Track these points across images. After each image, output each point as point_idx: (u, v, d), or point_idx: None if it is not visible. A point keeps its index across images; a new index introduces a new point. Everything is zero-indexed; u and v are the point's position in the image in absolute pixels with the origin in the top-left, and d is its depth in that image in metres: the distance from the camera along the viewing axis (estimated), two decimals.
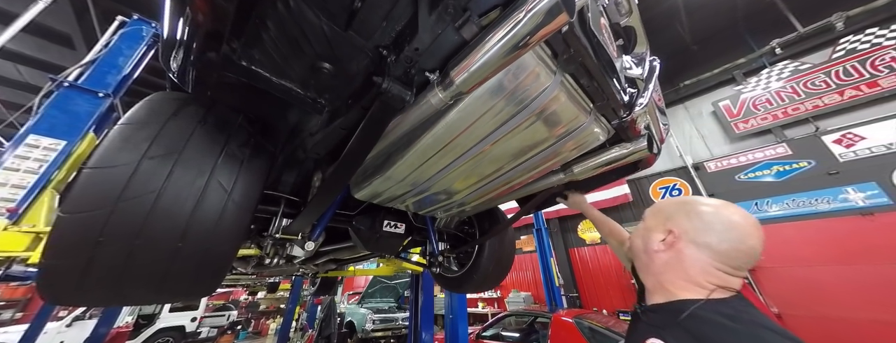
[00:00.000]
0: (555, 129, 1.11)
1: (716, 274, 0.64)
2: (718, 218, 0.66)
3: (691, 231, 0.68)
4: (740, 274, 0.65)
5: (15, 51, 5.57)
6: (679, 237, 0.69)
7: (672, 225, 0.72)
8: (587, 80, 0.95)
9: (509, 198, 1.90)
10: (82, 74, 2.10)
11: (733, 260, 0.63)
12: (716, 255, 0.64)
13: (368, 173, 1.43)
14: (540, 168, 1.43)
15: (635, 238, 0.84)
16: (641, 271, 0.79)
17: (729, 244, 0.63)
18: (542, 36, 0.64)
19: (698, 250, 0.66)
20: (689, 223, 0.69)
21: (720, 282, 0.63)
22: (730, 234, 0.63)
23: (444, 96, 0.83)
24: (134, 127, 0.92)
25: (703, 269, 0.65)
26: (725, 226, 0.65)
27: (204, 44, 0.86)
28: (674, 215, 0.73)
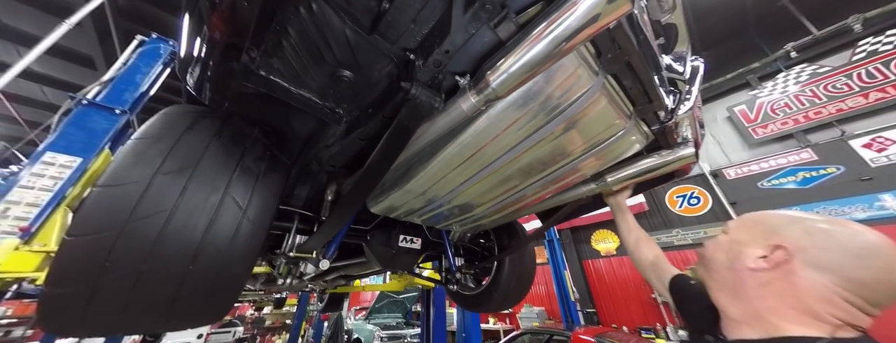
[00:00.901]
0: (592, 134, 1.03)
1: (842, 306, 0.51)
2: (850, 237, 0.53)
3: (811, 249, 0.54)
4: (875, 311, 0.51)
5: (39, 72, 5.84)
6: (792, 255, 0.55)
7: (780, 239, 0.58)
8: (631, 81, 0.88)
9: (532, 210, 1.80)
10: (100, 92, 2.13)
11: (873, 292, 0.50)
12: (846, 283, 0.51)
13: (386, 186, 1.36)
14: (570, 178, 1.33)
15: (714, 251, 0.68)
16: (720, 292, 0.65)
17: (869, 272, 0.50)
18: (597, 29, 0.58)
19: (819, 274, 0.52)
20: (809, 240, 0.55)
21: (848, 317, 0.50)
22: (871, 261, 0.50)
23: (476, 101, 0.77)
24: (148, 141, 0.87)
25: (826, 299, 0.52)
26: (864, 248, 0.52)
27: (221, 57, 0.82)
28: (782, 228, 0.59)
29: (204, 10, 0.78)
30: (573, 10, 0.56)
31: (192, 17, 0.86)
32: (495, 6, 0.66)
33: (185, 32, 0.88)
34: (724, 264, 0.65)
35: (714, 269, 0.67)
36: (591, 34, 0.59)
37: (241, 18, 0.71)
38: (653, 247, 1.13)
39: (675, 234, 7.41)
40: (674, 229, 7.49)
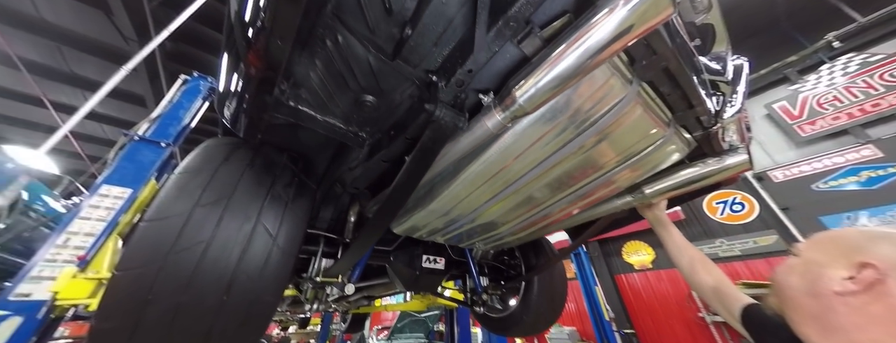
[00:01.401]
0: (626, 145, 0.96)
1: None
2: None
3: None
4: None
5: (100, 112, 6.58)
6: (886, 274, 0.48)
7: (867, 257, 0.50)
8: (669, 87, 0.82)
9: (561, 226, 1.70)
10: (149, 128, 2.34)
11: None
12: None
13: (409, 207, 1.34)
14: (603, 192, 1.25)
15: (786, 275, 0.60)
16: (807, 325, 0.55)
17: None
18: (632, 39, 0.54)
19: None
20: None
21: None
22: None
23: (502, 118, 0.74)
24: (189, 175, 0.92)
25: None
26: None
27: (256, 91, 0.86)
28: (867, 245, 0.51)
29: (241, 48, 0.82)
30: (604, 21, 0.53)
31: (230, 55, 0.92)
32: (520, 23, 0.65)
33: (224, 69, 0.93)
34: (803, 290, 0.55)
35: (791, 296, 0.58)
36: (624, 45, 0.56)
37: (274, 55, 0.75)
38: (711, 269, 0.99)
39: (719, 245, 6.75)
40: (717, 239, 6.84)
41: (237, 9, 0.76)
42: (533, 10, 0.63)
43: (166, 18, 3.94)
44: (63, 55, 5.71)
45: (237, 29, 0.79)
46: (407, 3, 0.72)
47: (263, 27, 0.63)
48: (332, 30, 0.76)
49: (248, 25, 0.71)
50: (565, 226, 1.70)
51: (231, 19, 0.80)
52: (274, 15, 0.60)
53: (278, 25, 0.61)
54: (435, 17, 0.70)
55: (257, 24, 0.67)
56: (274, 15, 0.60)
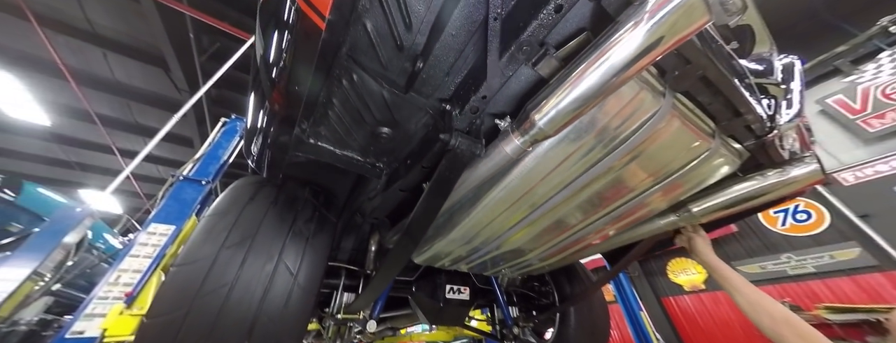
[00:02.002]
0: (665, 161, 0.86)
1: None
2: None
3: None
4: None
5: (155, 155, 7.37)
6: None
7: None
8: (709, 96, 0.73)
9: (597, 250, 1.55)
10: (192, 168, 2.54)
11: None
12: None
13: (429, 236, 1.29)
14: (641, 212, 1.13)
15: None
16: None
17: None
18: (662, 52, 0.48)
19: None
20: None
21: None
22: None
23: (522, 143, 0.69)
24: (216, 217, 0.95)
25: None
26: None
27: (278, 130, 0.89)
28: None
29: (266, 88, 0.86)
30: (628, 36, 0.48)
31: (256, 95, 0.96)
32: (533, 46, 0.62)
33: (251, 109, 0.98)
34: None
35: None
36: (653, 59, 0.50)
37: (295, 93, 0.77)
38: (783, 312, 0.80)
39: (787, 261, 5.85)
40: (782, 254, 5.95)
41: (263, 52, 0.80)
42: (546, 33, 0.61)
43: (213, 69, 4.45)
44: (130, 109, 6.58)
45: (262, 70, 0.83)
46: (417, 38, 0.72)
47: (285, 66, 0.65)
48: (347, 70, 0.78)
49: (272, 66, 0.75)
50: (601, 249, 1.54)
51: (257, 61, 0.85)
52: (293, 57, 0.62)
53: (297, 67, 0.63)
54: (445, 48, 0.70)
55: (280, 64, 0.69)
56: (293, 57, 0.62)
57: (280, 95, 0.78)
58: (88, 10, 4.80)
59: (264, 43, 0.72)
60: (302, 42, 0.58)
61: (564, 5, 0.56)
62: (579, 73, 0.56)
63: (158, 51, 5.15)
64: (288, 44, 0.60)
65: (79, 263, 3.32)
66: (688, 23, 0.45)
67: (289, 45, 0.59)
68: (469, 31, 0.67)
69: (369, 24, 0.70)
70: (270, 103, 0.85)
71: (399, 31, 0.70)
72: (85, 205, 2.82)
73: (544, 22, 0.59)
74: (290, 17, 0.55)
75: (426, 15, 0.69)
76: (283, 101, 0.77)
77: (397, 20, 0.69)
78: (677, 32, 0.47)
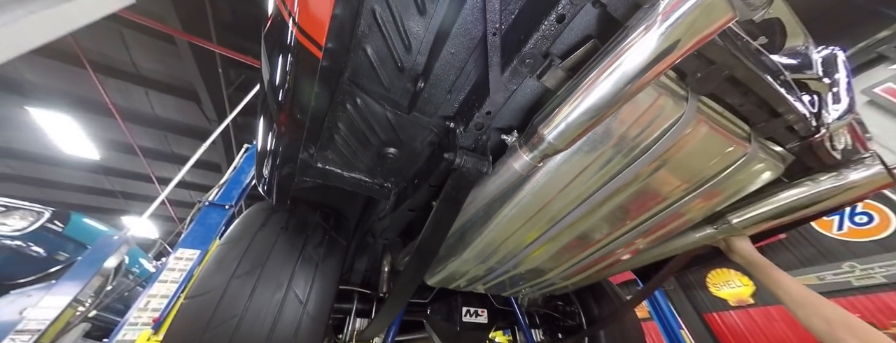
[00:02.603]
0: (697, 169, 0.78)
1: None
2: None
3: None
4: None
5: (188, 181, 7.83)
6: None
7: None
8: (739, 97, 0.66)
9: (625, 267, 1.42)
10: (217, 193, 2.66)
11: None
12: None
13: (441, 256, 1.23)
14: (673, 225, 1.02)
15: None
16: None
17: None
18: (680, 56, 0.44)
19: None
20: None
21: None
22: None
23: (531, 158, 0.65)
24: (228, 246, 0.95)
25: None
26: None
27: (285, 154, 0.90)
28: None
29: (273, 113, 0.87)
30: (641, 40, 0.44)
31: (264, 120, 0.98)
32: (536, 58, 0.58)
33: (260, 134, 0.99)
34: None
35: None
36: (671, 64, 0.45)
37: (299, 121, 0.78)
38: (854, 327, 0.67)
39: (851, 271, 5.18)
40: (843, 263, 5.28)
41: (268, 77, 0.82)
42: (550, 44, 0.58)
43: (239, 99, 4.76)
44: (167, 139, 7.13)
45: (269, 96, 0.84)
46: (418, 59, 0.72)
47: (288, 94, 0.66)
48: (350, 94, 0.78)
49: (276, 92, 0.75)
50: (630, 266, 1.42)
51: (264, 85, 0.86)
52: (294, 84, 0.61)
53: (298, 94, 0.63)
54: (445, 67, 0.69)
55: (283, 91, 0.70)
56: (294, 84, 0.61)
57: (285, 122, 0.78)
58: (134, 55, 5.34)
59: (270, 69, 0.73)
60: (302, 70, 0.58)
61: (567, 15, 0.53)
62: (589, 83, 0.51)
63: (191, 86, 5.61)
64: (289, 72, 0.60)
65: (116, 288, 3.48)
66: (708, 22, 0.40)
67: (290, 73, 0.60)
68: (468, 47, 0.65)
69: (369, 48, 0.70)
70: (277, 128, 0.86)
71: (399, 53, 0.70)
72: (122, 232, 3.00)
73: (546, 33, 0.56)
74: (290, 46, 0.56)
75: (425, 35, 0.68)
76: (288, 128, 0.77)
77: (396, 43, 0.68)
78: (696, 33, 0.42)
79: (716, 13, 0.39)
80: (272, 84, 0.68)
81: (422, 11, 0.64)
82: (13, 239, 2.64)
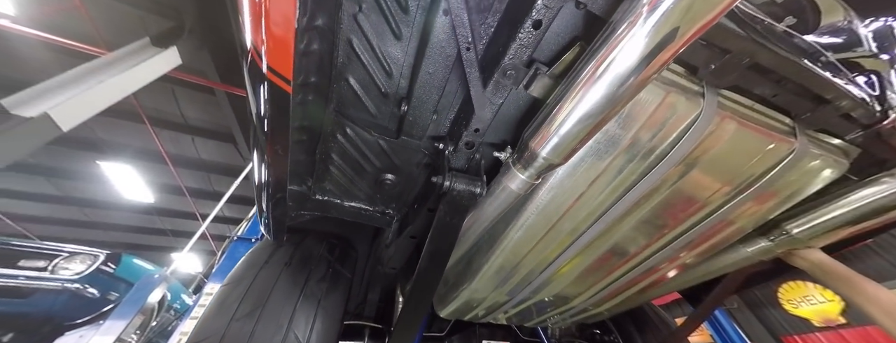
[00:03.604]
0: (731, 175, 0.66)
1: None
2: None
3: None
4: None
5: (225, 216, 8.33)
6: None
7: None
8: (771, 87, 0.56)
9: (666, 289, 1.22)
10: (245, 227, 2.75)
11: None
12: None
13: (450, 284, 1.13)
14: (713, 241, 0.86)
15: None
16: None
17: None
18: (686, 42, 0.37)
19: None
20: None
21: None
22: None
23: (527, 176, 0.57)
24: (230, 287, 0.92)
25: None
26: None
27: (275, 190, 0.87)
28: None
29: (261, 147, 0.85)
30: (628, 35, 0.37)
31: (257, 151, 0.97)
32: (518, 68, 0.53)
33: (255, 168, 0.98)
34: None
35: None
36: (670, 58, 0.38)
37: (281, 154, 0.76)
38: None
39: None
40: None
41: (255, 109, 0.82)
42: (530, 52, 0.52)
43: None
44: (209, 179, 7.73)
45: (256, 126, 0.83)
46: (400, 82, 0.69)
47: (268, 129, 0.64)
48: (339, 125, 0.76)
49: (262, 119, 0.74)
50: (672, 288, 1.22)
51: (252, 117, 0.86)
52: (272, 120, 0.60)
53: (276, 130, 0.61)
54: (426, 88, 0.67)
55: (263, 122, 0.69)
56: (272, 120, 0.60)
57: (270, 158, 0.76)
58: (183, 107, 6.01)
59: (252, 104, 0.73)
60: (275, 106, 0.57)
61: (543, 20, 0.48)
62: (577, 89, 0.45)
63: (229, 129, 6.14)
64: (264, 108, 0.59)
65: (160, 323, 3.61)
66: (707, 5, 0.33)
67: (265, 109, 0.58)
68: (446, 66, 0.62)
69: (351, 78, 0.69)
70: (265, 163, 0.83)
71: (381, 79, 0.68)
72: (162, 271, 3.15)
73: (525, 42, 0.51)
74: (262, 82, 0.55)
75: (405, 58, 0.66)
76: (273, 164, 0.76)
77: (377, 70, 0.67)
78: (695, 20, 0.35)
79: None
80: (255, 119, 0.67)
81: (398, 36, 0.62)
82: (73, 282, 2.84)
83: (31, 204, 7.79)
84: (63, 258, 2.96)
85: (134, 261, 3.43)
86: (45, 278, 2.76)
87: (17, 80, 2.51)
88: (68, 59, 3.08)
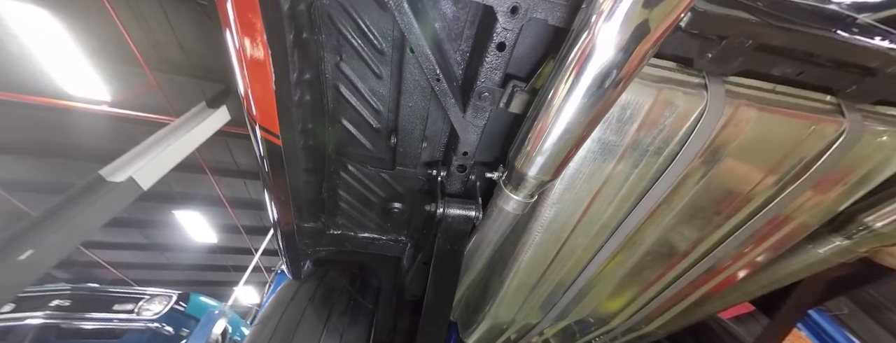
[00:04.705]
0: (771, 162, 0.56)
1: None
2: None
3: None
4: None
5: (270, 248, 8.88)
6: None
7: None
8: (792, 65, 0.47)
9: (728, 301, 1.03)
10: None
11: None
12: None
13: (472, 309, 1.06)
14: (771, 241, 0.72)
15: None
16: None
17: None
18: (662, 35, 0.32)
19: None
20: None
21: None
22: None
23: (521, 196, 0.53)
24: (260, 326, 0.95)
25: None
26: None
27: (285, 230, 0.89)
28: None
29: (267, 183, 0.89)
30: (592, 37, 0.34)
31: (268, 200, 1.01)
32: (492, 90, 0.51)
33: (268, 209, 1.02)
34: None
35: None
36: (642, 57, 0.34)
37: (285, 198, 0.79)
38: None
39: None
40: None
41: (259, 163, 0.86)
42: (501, 73, 0.51)
43: None
44: (260, 216, 8.40)
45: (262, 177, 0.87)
46: (389, 116, 0.71)
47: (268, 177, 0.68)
48: (340, 163, 0.79)
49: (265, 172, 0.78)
50: (736, 300, 1.02)
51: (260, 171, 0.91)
52: (270, 170, 0.63)
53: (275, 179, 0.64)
54: (409, 119, 0.67)
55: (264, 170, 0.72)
56: (270, 170, 0.63)
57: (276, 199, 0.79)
58: (235, 156, 6.74)
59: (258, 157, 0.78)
60: (271, 157, 0.60)
61: (506, 42, 0.46)
62: (552, 102, 0.41)
63: None
64: (261, 157, 0.62)
65: None
66: None
67: (263, 159, 0.62)
68: (423, 97, 0.63)
69: (344, 119, 0.71)
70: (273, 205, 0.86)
71: (370, 117, 0.70)
72: (222, 306, 3.37)
73: (493, 64, 0.50)
74: (255, 135, 0.59)
75: (389, 95, 0.68)
76: (279, 206, 0.79)
77: (365, 109, 0.69)
78: (671, 9, 0.31)
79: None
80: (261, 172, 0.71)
81: (379, 76, 0.64)
82: (154, 322, 3.12)
83: (126, 252, 9.00)
84: (145, 300, 3.30)
85: (200, 298, 3.72)
86: (133, 320, 3.07)
87: (112, 151, 3.01)
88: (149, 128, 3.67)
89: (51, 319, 2.90)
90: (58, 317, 2.94)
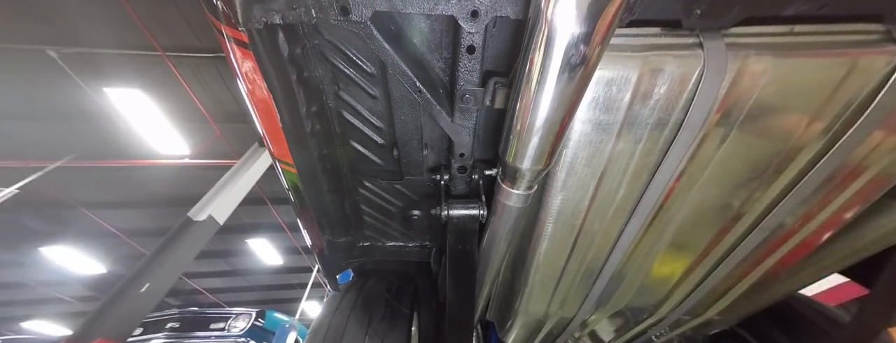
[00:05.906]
0: (807, 112, 0.47)
1: None
2: None
3: None
4: None
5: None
6: None
7: None
8: (812, 3, 0.40)
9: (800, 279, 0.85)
10: None
11: None
12: None
13: (503, 307, 1.01)
14: (840, 201, 0.60)
15: None
16: None
17: None
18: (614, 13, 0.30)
19: None
20: None
21: None
22: None
23: (520, 189, 0.51)
24: (312, 336, 1.01)
25: None
26: None
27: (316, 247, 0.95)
28: None
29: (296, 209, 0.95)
30: (545, 25, 0.33)
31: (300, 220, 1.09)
32: (473, 92, 0.52)
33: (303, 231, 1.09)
34: None
35: None
36: (610, 24, 0.31)
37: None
38: None
39: None
40: None
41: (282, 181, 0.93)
42: (478, 74, 0.51)
43: None
44: None
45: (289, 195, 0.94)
46: (390, 130, 0.74)
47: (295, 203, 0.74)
48: (356, 180, 0.84)
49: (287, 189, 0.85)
50: (809, 278, 0.85)
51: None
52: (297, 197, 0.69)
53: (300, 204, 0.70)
54: (404, 130, 0.70)
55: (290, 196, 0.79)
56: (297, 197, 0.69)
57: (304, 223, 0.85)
58: None
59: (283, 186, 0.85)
60: (291, 185, 0.66)
61: (475, 44, 0.47)
62: (525, 91, 0.40)
63: None
64: (286, 187, 0.69)
65: None
66: None
67: (289, 190, 0.69)
68: (413, 108, 0.66)
69: (351, 140, 0.76)
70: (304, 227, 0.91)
71: (374, 135, 0.74)
72: (291, 320, 3.66)
73: (468, 66, 0.50)
74: (275, 167, 0.65)
75: (386, 111, 0.71)
76: (308, 227, 0.85)
77: (368, 128, 0.73)
78: None
79: None
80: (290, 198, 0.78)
81: (374, 96, 0.68)
82: (241, 337, 3.50)
83: (216, 279, 10.31)
84: (232, 319, 3.72)
85: (274, 314, 4.09)
86: (226, 336, 3.49)
87: (197, 195, 3.56)
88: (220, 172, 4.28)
89: (168, 339, 3.42)
90: (173, 337, 3.46)
